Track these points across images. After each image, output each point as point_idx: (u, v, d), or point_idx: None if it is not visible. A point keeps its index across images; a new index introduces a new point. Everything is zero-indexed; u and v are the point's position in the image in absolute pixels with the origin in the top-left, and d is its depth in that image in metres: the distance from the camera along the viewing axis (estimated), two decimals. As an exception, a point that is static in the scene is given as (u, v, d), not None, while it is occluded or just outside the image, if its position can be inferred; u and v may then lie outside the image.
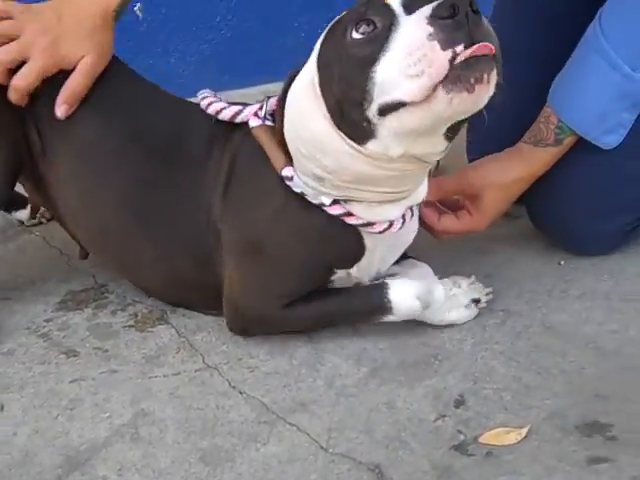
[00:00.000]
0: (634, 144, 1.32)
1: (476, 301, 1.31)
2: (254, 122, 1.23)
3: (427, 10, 0.95)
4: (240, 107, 1.26)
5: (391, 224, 1.20)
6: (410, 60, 0.94)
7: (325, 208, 1.18)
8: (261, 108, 1.24)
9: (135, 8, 2.46)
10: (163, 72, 2.53)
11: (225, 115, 1.27)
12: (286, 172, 1.19)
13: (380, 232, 1.20)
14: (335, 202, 1.18)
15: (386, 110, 1.00)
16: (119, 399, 1.22)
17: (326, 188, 1.17)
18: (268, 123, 1.23)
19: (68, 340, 1.39)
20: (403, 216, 1.22)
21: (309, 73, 1.12)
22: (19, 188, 1.49)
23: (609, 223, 1.40)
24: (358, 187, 1.15)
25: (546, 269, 1.47)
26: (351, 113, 1.05)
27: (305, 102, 1.12)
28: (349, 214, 1.18)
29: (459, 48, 0.92)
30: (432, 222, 1.35)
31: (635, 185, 1.38)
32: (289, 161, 1.19)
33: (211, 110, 1.27)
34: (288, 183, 1.19)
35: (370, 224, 1.19)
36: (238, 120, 1.25)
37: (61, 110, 1.27)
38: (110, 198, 1.33)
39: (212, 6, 2.52)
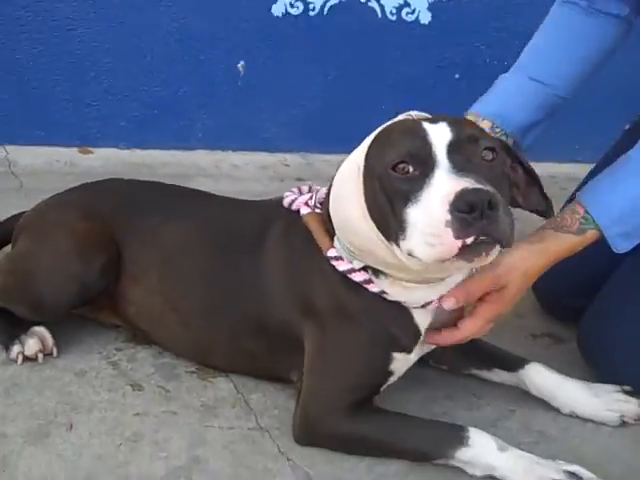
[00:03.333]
0: None
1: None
2: (304, 210, 1.39)
3: (450, 191, 1.08)
4: (295, 196, 1.42)
5: (429, 302, 1.31)
6: (429, 230, 1.10)
7: (350, 275, 1.29)
8: (311, 198, 1.40)
9: (238, 65, 2.63)
10: (252, 126, 2.69)
11: (286, 202, 1.43)
12: (330, 253, 1.31)
13: (422, 306, 1.31)
14: (364, 269, 1.30)
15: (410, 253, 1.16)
16: (177, 442, 1.34)
17: (359, 258, 1.30)
18: (317, 211, 1.37)
19: (135, 373, 1.51)
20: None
21: (357, 160, 1.24)
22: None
23: None
24: (386, 269, 1.28)
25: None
26: (386, 224, 1.19)
27: (347, 185, 1.25)
28: (370, 281, 1.29)
29: (469, 240, 1.07)
30: (456, 337, 1.36)
31: None
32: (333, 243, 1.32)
33: (285, 202, 1.44)
34: (333, 263, 1.31)
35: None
36: (294, 207, 1.41)
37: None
38: (189, 290, 1.49)
39: (311, 77, 2.68)
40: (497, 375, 1.53)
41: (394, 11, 2.62)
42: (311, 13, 2.61)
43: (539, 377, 1.47)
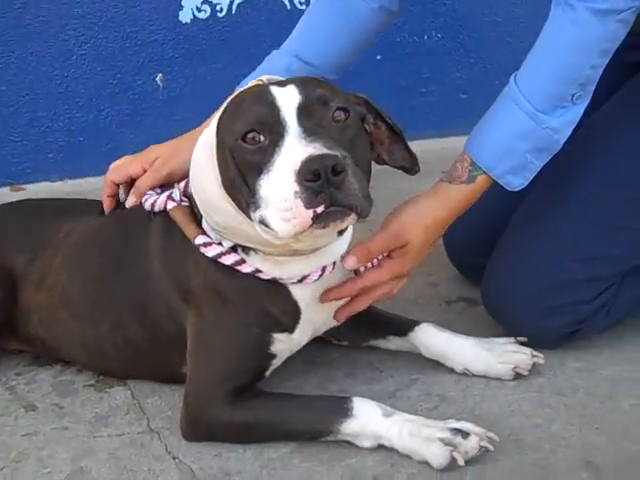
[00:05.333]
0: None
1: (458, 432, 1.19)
2: (170, 205, 1.34)
3: (297, 160, 1.05)
4: (155, 197, 1.38)
5: (306, 276, 1.26)
6: (283, 205, 1.06)
7: (221, 259, 1.25)
8: (172, 192, 1.36)
9: (156, 78, 2.61)
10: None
11: (146, 206, 1.39)
12: (198, 240, 1.28)
13: (299, 282, 1.26)
14: (233, 250, 1.26)
15: (265, 224, 1.11)
16: (62, 456, 1.29)
17: (227, 237, 1.26)
18: (184, 203, 1.33)
19: (31, 395, 1.47)
20: (324, 268, 1.27)
21: (209, 136, 1.21)
22: None
23: (551, 321, 1.43)
24: (254, 245, 1.23)
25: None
26: (240, 197, 1.15)
27: (203, 162, 1.22)
28: (242, 261, 1.25)
29: (319, 209, 1.04)
30: (357, 285, 1.32)
31: (569, 290, 1.43)
32: (201, 230, 1.28)
33: (146, 205, 1.40)
34: (202, 250, 1.27)
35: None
36: (157, 209, 1.37)
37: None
38: (79, 288, 1.45)
39: (230, 80, 2.63)
40: (392, 343, 1.47)
41: (303, 0, 2.59)
42: (219, 15, 2.58)
43: (428, 337, 1.41)
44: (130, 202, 1.46)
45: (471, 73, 2.79)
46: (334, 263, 1.30)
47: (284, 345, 1.31)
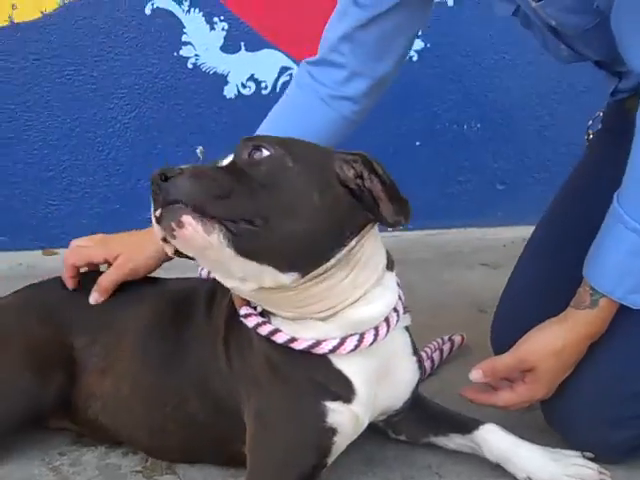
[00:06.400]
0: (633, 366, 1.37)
1: None
2: None
3: None
4: None
5: (341, 344, 1.22)
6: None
7: (258, 329, 1.25)
8: None
9: (197, 150, 2.62)
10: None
11: (204, 274, 1.44)
12: (242, 311, 1.28)
13: (328, 353, 1.23)
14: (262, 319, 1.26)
15: None
16: None
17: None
18: None
19: (77, 477, 1.43)
20: (362, 337, 1.23)
21: None
22: None
23: (615, 434, 1.39)
24: (257, 302, 1.26)
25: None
26: None
27: None
28: (276, 331, 1.24)
29: (157, 212, 1.10)
30: (490, 400, 1.40)
31: (631, 402, 1.39)
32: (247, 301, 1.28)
33: (204, 274, 1.45)
34: (244, 321, 1.26)
35: (294, 340, 1.23)
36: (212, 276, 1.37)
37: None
38: (151, 375, 1.42)
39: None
40: (453, 441, 1.43)
41: (345, 82, 2.61)
42: (264, 92, 2.61)
43: (493, 439, 1.37)
44: (93, 299, 1.49)
45: (509, 165, 2.80)
46: (376, 335, 1.24)
47: (343, 417, 1.25)
